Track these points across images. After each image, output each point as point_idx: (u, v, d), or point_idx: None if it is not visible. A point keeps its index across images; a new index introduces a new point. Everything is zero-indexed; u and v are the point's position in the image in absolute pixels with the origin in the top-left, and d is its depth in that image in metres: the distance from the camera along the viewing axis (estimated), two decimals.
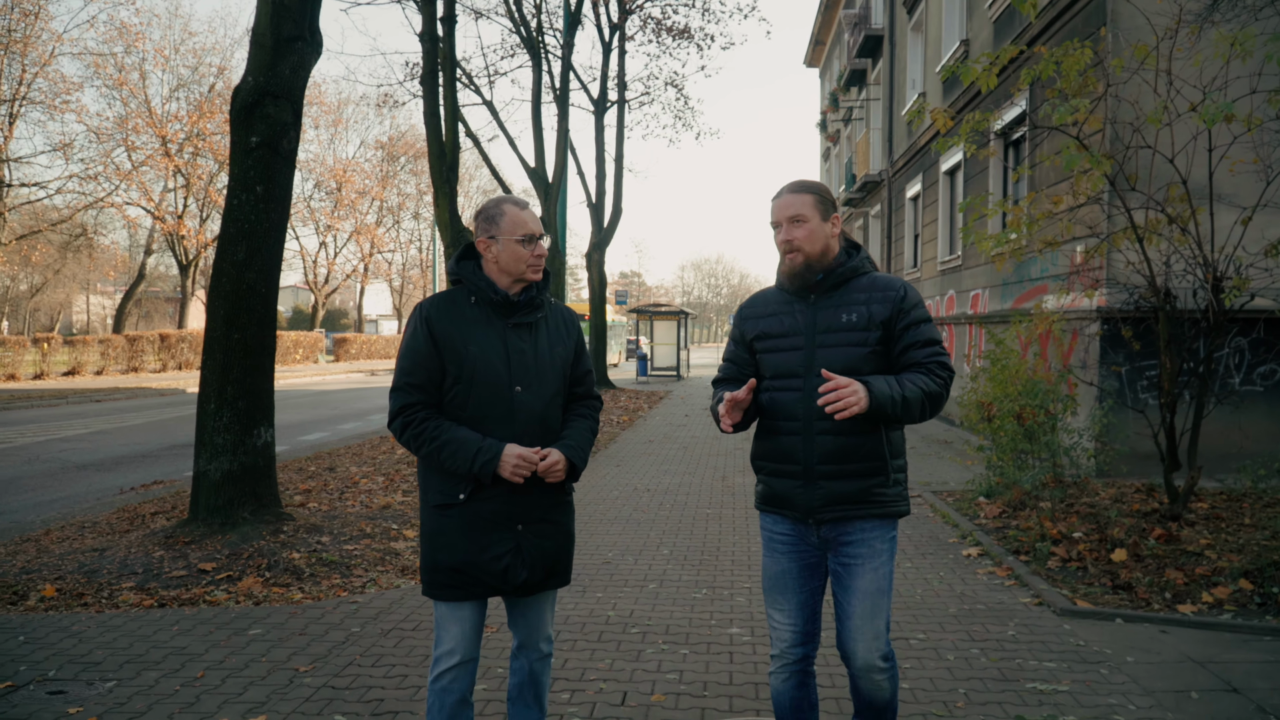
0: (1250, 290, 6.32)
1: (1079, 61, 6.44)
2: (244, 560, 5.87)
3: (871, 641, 2.69)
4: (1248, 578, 5.07)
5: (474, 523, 2.69)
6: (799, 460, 2.71)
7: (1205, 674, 3.98)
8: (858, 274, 2.78)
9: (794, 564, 2.79)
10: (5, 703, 3.73)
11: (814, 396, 2.64)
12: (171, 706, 3.66)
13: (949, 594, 5.19)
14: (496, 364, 2.72)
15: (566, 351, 2.88)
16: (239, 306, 6.52)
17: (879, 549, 2.70)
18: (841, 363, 2.66)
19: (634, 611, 4.89)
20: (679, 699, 3.72)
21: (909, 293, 2.73)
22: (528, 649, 2.89)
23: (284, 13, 6.58)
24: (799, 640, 2.78)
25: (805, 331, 2.74)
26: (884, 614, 2.71)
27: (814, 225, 2.73)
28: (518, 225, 2.75)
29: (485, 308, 2.78)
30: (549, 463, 2.67)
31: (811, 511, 2.72)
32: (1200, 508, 6.75)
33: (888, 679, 2.74)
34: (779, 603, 2.80)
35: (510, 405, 2.71)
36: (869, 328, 2.69)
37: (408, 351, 2.74)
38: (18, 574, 5.80)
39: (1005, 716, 3.54)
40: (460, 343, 2.71)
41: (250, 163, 6.54)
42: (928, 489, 8.41)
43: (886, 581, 2.72)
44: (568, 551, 2.87)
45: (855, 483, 2.68)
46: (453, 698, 2.72)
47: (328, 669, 4.06)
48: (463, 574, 2.69)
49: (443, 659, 2.71)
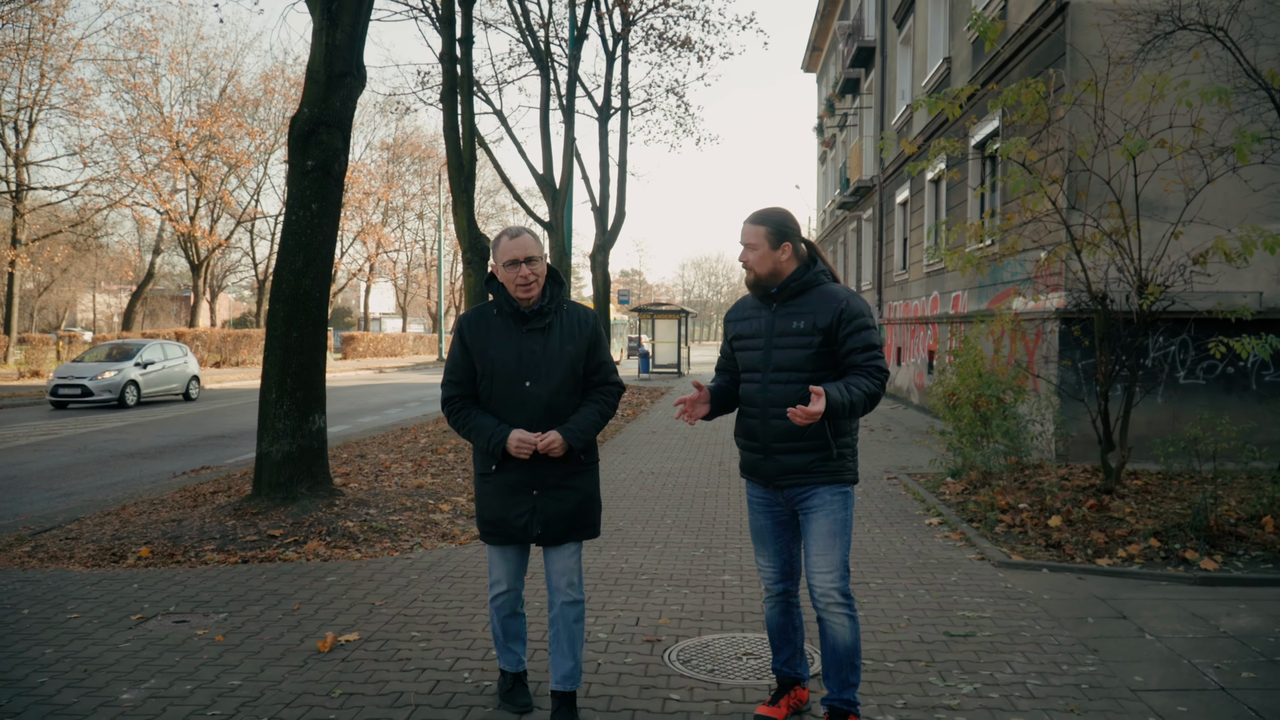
0: (1174, 294, 7.29)
1: (1034, 94, 7.39)
2: (306, 528, 6.83)
3: (828, 573, 3.22)
4: (1157, 537, 6.04)
5: (501, 488, 3.40)
6: (759, 438, 3.34)
7: (1104, 606, 4.95)
8: (811, 286, 3.31)
9: (769, 520, 3.44)
10: (143, 627, 4.69)
11: (770, 389, 3.29)
12: (281, 629, 4.63)
13: (907, 552, 6.16)
14: (511, 363, 3.37)
15: (578, 348, 3.43)
16: (296, 309, 7.47)
17: (830, 500, 3.26)
18: (791, 361, 3.26)
19: (643, 564, 5.86)
20: (680, 622, 4.70)
21: (849, 305, 3.23)
22: (559, 592, 3.47)
23: (335, 53, 7.54)
24: (779, 578, 3.45)
25: (765, 334, 3.34)
26: (838, 552, 3.24)
27: (762, 252, 3.29)
28: (504, 253, 3.36)
29: (505, 318, 3.43)
30: (546, 442, 3.28)
31: (771, 479, 3.33)
32: (1135, 484, 7.72)
33: (847, 617, 3.23)
34: (761, 550, 3.48)
35: (522, 396, 3.35)
36: (813, 333, 3.24)
37: (450, 356, 3.51)
38: (110, 539, 6.75)
39: (936, 631, 4.52)
40: (484, 347, 3.40)
41: (306, 183, 7.50)
42: (903, 472, 9.37)
43: (840, 526, 3.25)
44: (587, 510, 3.47)
45: (803, 457, 3.25)
46: (505, 612, 3.58)
47: (398, 603, 5.03)
48: (496, 525, 3.44)
49: (494, 587, 3.55)
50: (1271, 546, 5.89)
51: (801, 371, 3.24)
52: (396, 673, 4.02)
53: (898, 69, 19.85)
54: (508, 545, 3.48)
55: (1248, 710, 3.61)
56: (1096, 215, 7.27)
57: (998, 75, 11.97)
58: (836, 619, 3.24)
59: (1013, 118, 7.85)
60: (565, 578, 3.47)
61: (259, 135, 39.77)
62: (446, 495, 8.24)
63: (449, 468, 9.98)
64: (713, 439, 12.69)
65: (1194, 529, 6.02)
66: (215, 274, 52.02)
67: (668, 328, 32.42)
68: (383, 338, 51.33)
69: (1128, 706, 3.65)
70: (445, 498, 8.11)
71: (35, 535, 6.99)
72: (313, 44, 7.62)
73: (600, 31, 22.62)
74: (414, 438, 12.75)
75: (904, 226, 19.28)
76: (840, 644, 3.26)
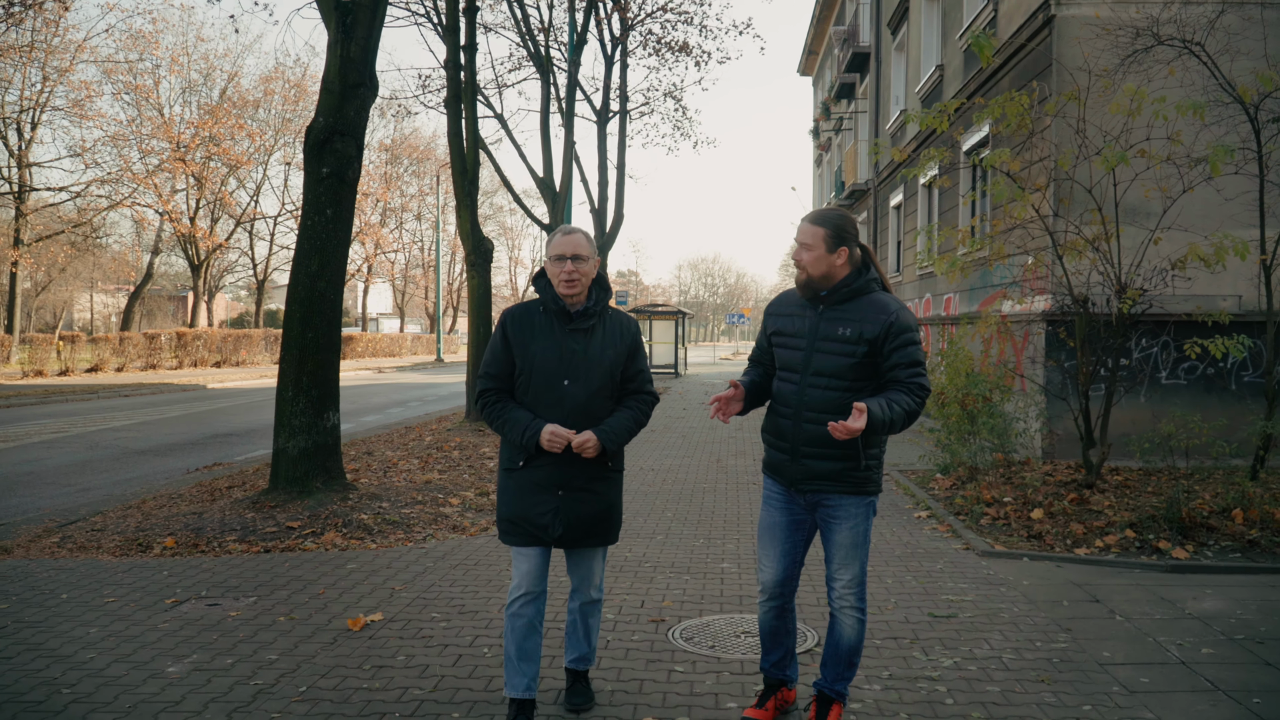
0: (1153, 298, 7.64)
1: (1018, 106, 7.73)
2: (322, 520, 7.14)
3: (848, 582, 3.28)
4: (1133, 529, 6.37)
5: (526, 485, 3.36)
6: (788, 439, 3.28)
7: (1079, 591, 5.28)
8: (862, 293, 3.25)
9: (783, 518, 3.38)
10: (179, 610, 5.00)
11: (807, 391, 3.22)
12: (309, 610, 4.94)
13: (896, 542, 6.49)
14: (552, 361, 3.35)
15: (618, 354, 3.44)
16: (312, 310, 7.79)
17: (854, 513, 3.26)
18: (832, 367, 3.19)
19: (646, 553, 6.19)
20: (683, 605, 5.02)
21: (899, 318, 3.16)
22: (580, 593, 3.54)
23: (350, 65, 7.85)
24: (779, 580, 3.38)
25: (808, 336, 3.26)
26: (859, 563, 3.27)
27: (818, 254, 3.23)
28: (554, 247, 3.40)
29: (550, 316, 3.43)
30: (580, 440, 3.25)
31: (795, 482, 3.29)
32: (1116, 479, 8.06)
33: (858, 620, 3.29)
34: (767, 548, 3.40)
35: (560, 395, 3.34)
36: (858, 342, 3.16)
37: (490, 348, 3.48)
38: (135, 530, 7.05)
39: (921, 613, 4.85)
40: (526, 343, 3.38)
41: (321, 190, 7.81)
42: (895, 469, 9.71)
43: (862, 538, 3.28)
44: (608, 518, 3.46)
45: (831, 464, 3.20)
46: (522, 622, 3.38)
47: (417, 587, 5.35)
48: (516, 523, 3.38)
49: (514, 590, 3.42)
50: (1240, 537, 6.22)
51: (842, 379, 3.20)
52: (421, 648, 4.33)
53: (892, 75, 20.21)
54: (526, 545, 3.41)
55: (1204, 681, 3.94)
56: (1079, 222, 7.61)
57: (987, 84, 12.32)
58: (849, 619, 3.31)
59: (998, 128, 8.19)
60: (589, 580, 3.54)
61: (259, 137, 40.05)
62: (455, 490, 8.56)
63: (455, 464, 10.29)
64: (710, 438, 13.01)
65: (1168, 521, 6.36)
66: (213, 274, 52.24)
67: (665, 329, 32.76)
68: (381, 338, 51.57)
69: (1094, 678, 3.98)
70: (454, 492, 8.42)
71: (62, 527, 7.29)
72: (328, 56, 7.93)
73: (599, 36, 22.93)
74: (419, 436, 13.06)
75: (898, 230, 19.63)
76: (846, 642, 3.32)
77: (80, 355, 29.27)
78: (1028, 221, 7.73)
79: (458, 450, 11.38)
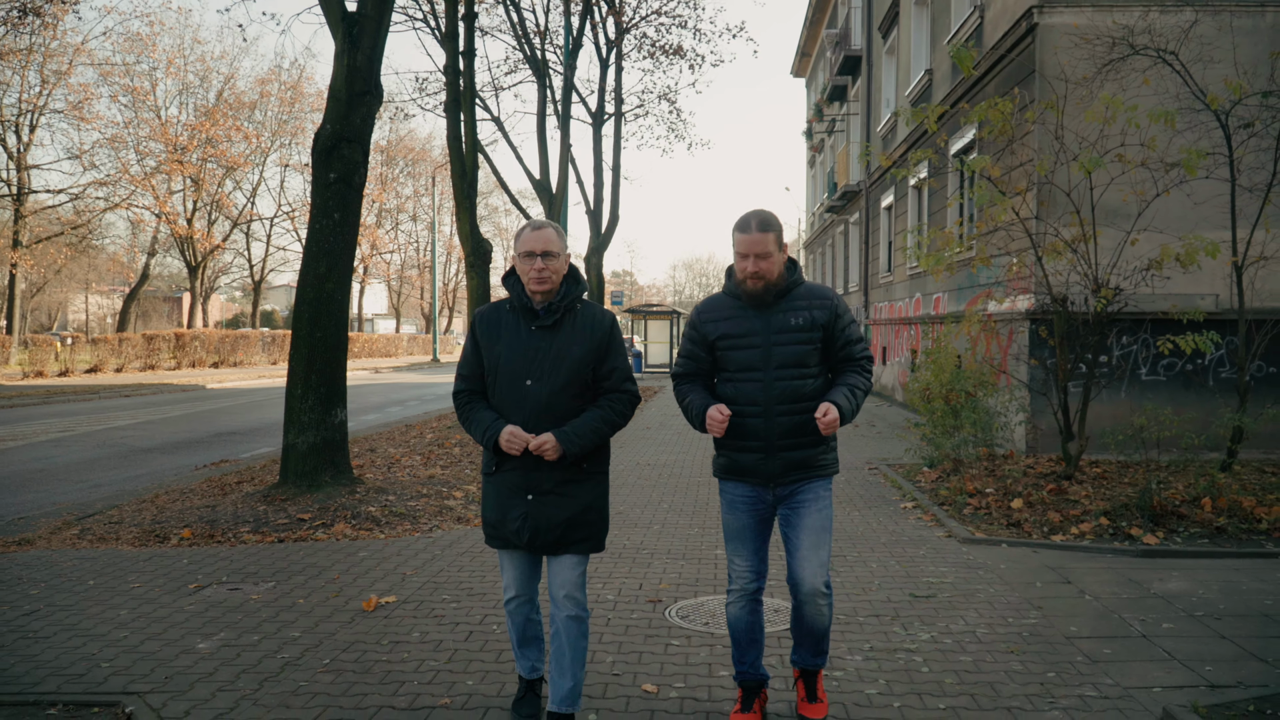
0: (1132, 296, 7.96)
1: (1000, 112, 8.04)
2: (332, 512, 7.42)
3: (817, 569, 3.32)
4: (1107, 516, 6.69)
5: (500, 490, 3.33)
6: (761, 436, 3.31)
7: (1052, 574, 5.60)
8: (798, 284, 3.41)
9: (752, 519, 3.42)
10: (202, 594, 5.29)
11: (774, 385, 3.29)
12: (326, 593, 5.23)
13: (882, 531, 6.80)
14: (516, 360, 3.28)
15: (585, 350, 3.30)
16: (320, 310, 8.07)
17: (822, 494, 3.37)
18: (794, 357, 3.30)
19: (644, 542, 6.49)
20: (679, 587, 5.33)
21: (839, 300, 3.41)
22: (557, 606, 3.32)
23: (356, 74, 8.14)
24: (755, 577, 3.43)
25: (762, 332, 3.33)
26: (826, 548, 3.35)
27: (775, 258, 3.28)
28: (523, 244, 3.31)
29: (516, 313, 3.35)
30: (538, 442, 3.17)
31: (771, 478, 3.33)
32: (1095, 471, 8.39)
33: (827, 605, 3.36)
34: (740, 550, 3.43)
35: (522, 394, 3.26)
36: (813, 329, 3.32)
37: (463, 350, 3.47)
38: (151, 523, 7.33)
39: (902, 594, 5.16)
40: (492, 343, 3.34)
41: (329, 194, 8.09)
42: (884, 463, 10.02)
43: (828, 521, 3.37)
44: (584, 522, 3.31)
45: (804, 452, 3.33)
46: (519, 619, 3.49)
47: (427, 572, 5.65)
48: (494, 527, 3.37)
49: (505, 592, 3.47)
50: (1209, 524, 6.54)
51: (805, 367, 3.33)
52: (434, 626, 4.63)
53: (883, 78, 20.54)
54: (507, 549, 3.39)
55: (1162, 651, 4.26)
56: (1058, 224, 7.93)
57: (974, 89, 12.64)
58: (819, 607, 3.37)
59: (982, 133, 8.51)
60: (564, 590, 3.32)
61: (255, 139, 40.27)
62: (457, 484, 8.85)
63: (456, 460, 10.58)
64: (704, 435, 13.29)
65: (1140, 509, 6.68)
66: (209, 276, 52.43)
67: (660, 328, 33.08)
68: (377, 338, 51.81)
69: (1060, 649, 4.29)
70: (457, 486, 8.72)
71: (80, 520, 7.56)
72: (335, 66, 8.22)
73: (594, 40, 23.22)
74: (419, 433, 13.35)
75: (889, 230, 19.96)
76: (819, 627, 3.40)
77: (80, 356, 29.50)
78: (1009, 224, 8.05)
79: (458, 447, 11.67)
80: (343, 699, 3.74)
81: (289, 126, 42.83)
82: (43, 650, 4.34)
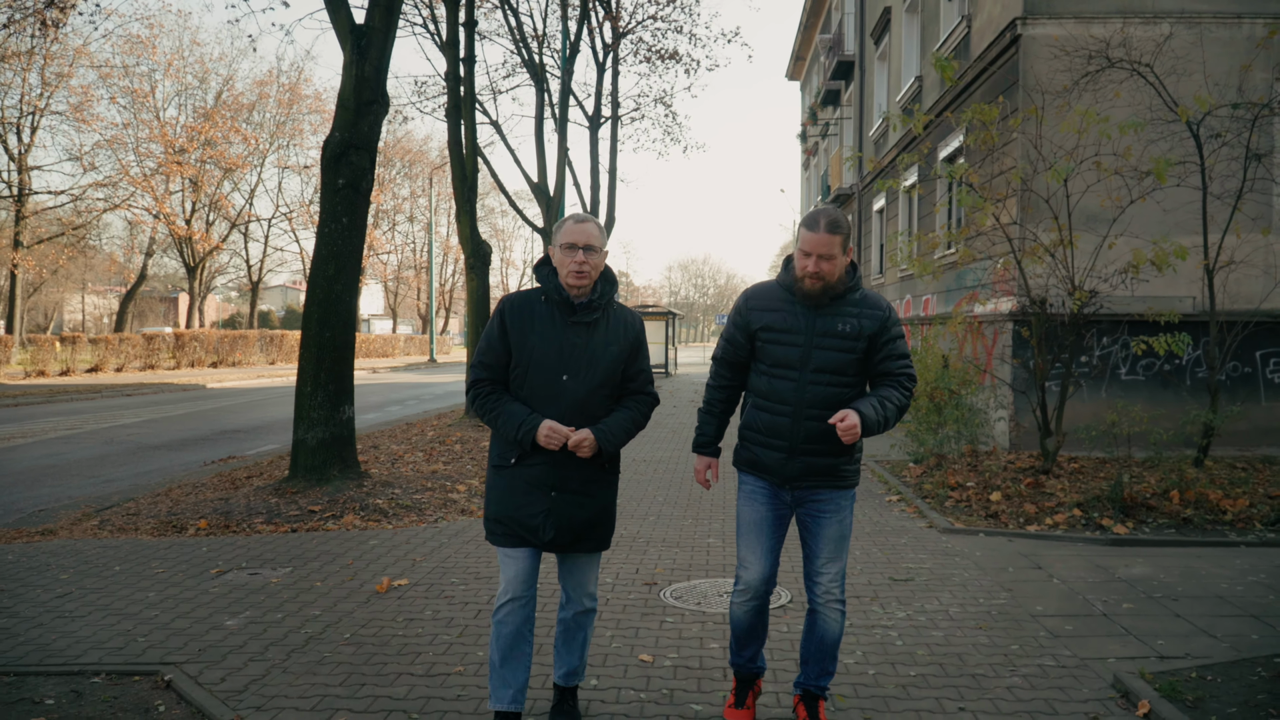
0: (1109, 298, 8.32)
1: (989, 116, 8.38)
2: (341, 504, 7.75)
3: (835, 577, 3.29)
4: (1080, 508, 7.05)
5: (517, 484, 3.20)
6: (785, 437, 3.22)
7: (1024, 560, 5.95)
8: (854, 289, 3.26)
9: (770, 513, 3.31)
10: (224, 578, 5.61)
11: (807, 389, 3.17)
12: (340, 577, 5.57)
13: (866, 522, 7.15)
14: (551, 354, 3.19)
15: (620, 350, 3.27)
16: (329, 311, 8.39)
17: (842, 505, 3.30)
18: (833, 363, 3.17)
19: (640, 531, 6.83)
20: (673, 571, 5.67)
21: (893, 314, 3.25)
22: (573, 602, 3.36)
23: (364, 83, 8.47)
24: (764, 578, 3.31)
25: (805, 331, 3.19)
26: (844, 558, 3.29)
27: (838, 261, 3.15)
28: (565, 235, 3.22)
29: (552, 306, 3.24)
30: (578, 437, 3.11)
31: (789, 479, 3.25)
32: (1073, 467, 8.75)
33: (840, 615, 3.30)
34: (753, 547, 3.30)
35: (558, 390, 3.18)
36: (858, 338, 3.18)
37: (485, 336, 3.29)
38: (168, 514, 7.65)
39: (882, 578, 5.51)
40: (525, 334, 3.21)
41: (338, 200, 8.42)
42: (872, 459, 10.37)
43: (848, 530, 3.31)
44: (602, 522, 3.30)
45: (827, 459, 3.22)
46: (508, 629, 3.21)
47: (435, 559, 5.98)
48: (504, 524, 3.22)
49: (501, 595, 3.24)
50: (1176, 515, 6.90)
51: (843, 375, 3.21)
52: (445, 606, 4.97)
53: (875, 83, 20.91)
54: (515, 547, 3.25)
55: (1119, 628, 4.60)
56: (1038, 229, 8.28)
57: (961, 96, 13.00)
58: (833, 615, 3.32)
59: (969, 139, 8.86)
60: (583, 588, 3.37)
61: (253, 140, 40.56)
62: (460, 479, 9.18)
63: (457, 457, 10.91)
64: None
65: (1111, 501, 7.03)
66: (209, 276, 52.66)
67: (656, 329, 33.39)
68: (374, 339, 52.06)
69: (1025, 625, 4.64)
70: (460, 480, 9.05)
71: (99, 512, 7.87)
72: (343, 76, 8.55)
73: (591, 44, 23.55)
74: (420, 431, 13.67)
75: (880, 233, 20.33)
76: (829, 637, 3.34)
77: (80, 356, 29.75)
78: (990, 229, 8.42)
79: (459, 444, 12.00)
80: (365, 667, 4.08)
81: (287, 128, 43.14)
82: (80, 627, 4.66)
